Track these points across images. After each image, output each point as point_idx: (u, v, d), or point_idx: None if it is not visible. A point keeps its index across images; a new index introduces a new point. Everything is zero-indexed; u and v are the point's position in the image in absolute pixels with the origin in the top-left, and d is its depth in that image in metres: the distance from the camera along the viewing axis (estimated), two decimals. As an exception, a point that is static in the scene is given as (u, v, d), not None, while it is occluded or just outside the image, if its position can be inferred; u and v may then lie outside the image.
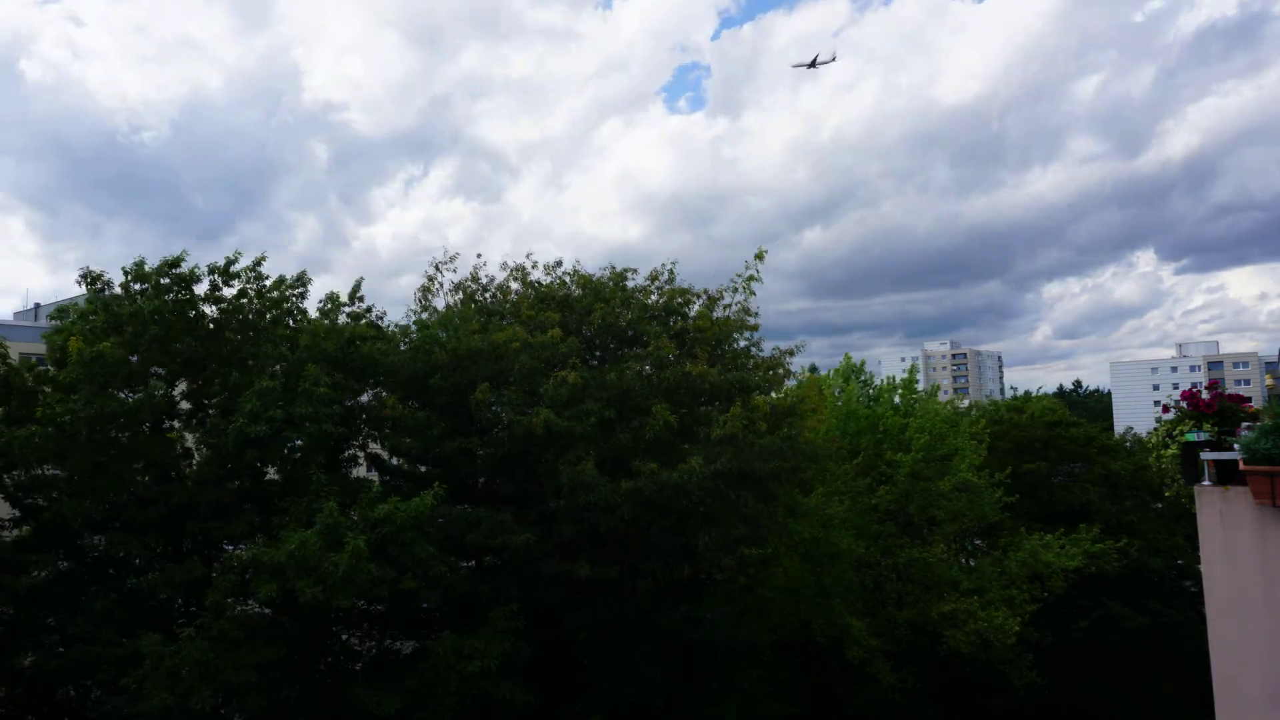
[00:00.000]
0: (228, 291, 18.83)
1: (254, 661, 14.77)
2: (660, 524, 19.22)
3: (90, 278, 18.08)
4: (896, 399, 31.26)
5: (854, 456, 28.68)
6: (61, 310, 18.97)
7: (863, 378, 32.77)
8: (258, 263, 19.08)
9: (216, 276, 18.55)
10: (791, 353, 22.30)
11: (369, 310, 21.26)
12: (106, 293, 17.99)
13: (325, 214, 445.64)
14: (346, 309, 20.85)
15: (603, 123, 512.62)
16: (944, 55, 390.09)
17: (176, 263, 18.01)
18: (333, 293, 20.72)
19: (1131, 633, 35.69)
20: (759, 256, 21.72)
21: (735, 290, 21.90)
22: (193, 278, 18.14)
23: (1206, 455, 8.12)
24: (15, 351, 19.54)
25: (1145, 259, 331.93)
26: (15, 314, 67.12)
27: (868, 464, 28.82)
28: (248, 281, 18.97)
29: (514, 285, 22.69)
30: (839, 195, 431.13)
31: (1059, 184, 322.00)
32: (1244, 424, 8.45)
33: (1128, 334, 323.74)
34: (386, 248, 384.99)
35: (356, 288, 21.12)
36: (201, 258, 29.48)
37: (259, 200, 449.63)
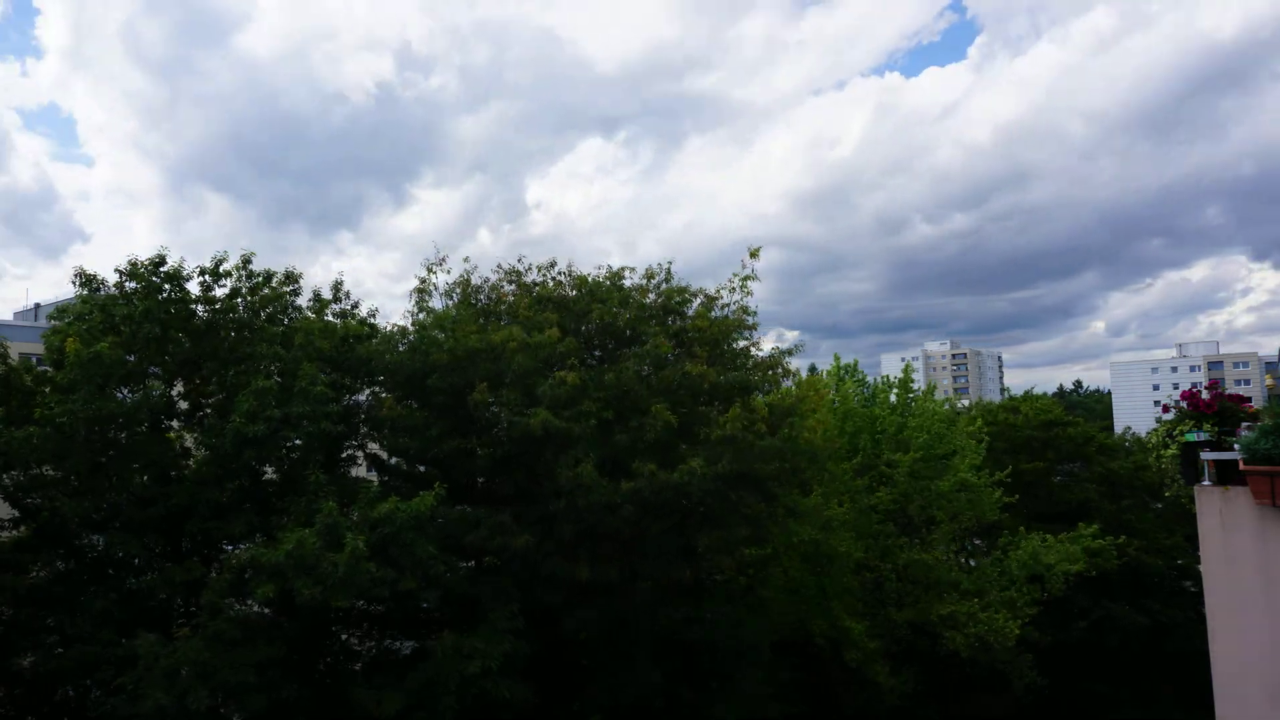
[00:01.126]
0: (220, 291, 18.83)
1: (252, 661, 14.75)
2: (660, 525, 19.21)
3: (85, 278, 18.07)
4: (893, 398, 31.24)
5: (852, 456, 28.68)
6: (60, 311, 18.95)
7: (857, 377, 32.77)
8: (247, 261, 19.07)
9: (207, 277, 18.55)
10: (790, 353, 22.30)
11: (356, 306, 21.26)
12: (102, 293, 17.98)
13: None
14: (334, 307, 20.84)
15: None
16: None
17: (162, 260, 18.01)
18: (316, 291, 20.75)
19: (1131, 633, 35.68)
20: (754, 255, 21.69)
21: (733, 290, 21.87)
22: (183, 276, 18.14)
23: (1206, 455, 8.12)
24: (15, 351, 19.53)
25: None
26: (15, 314, 67.10)
27: (866, 464, 28.81)
28: (239, 280, 18.97)
29: (508, 287, 22.66)
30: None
31: None
32: (1244, 424, 8.45)
33: None
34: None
35: (338, 286, 21.12)
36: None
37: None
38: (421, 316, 21.79)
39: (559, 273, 22.76)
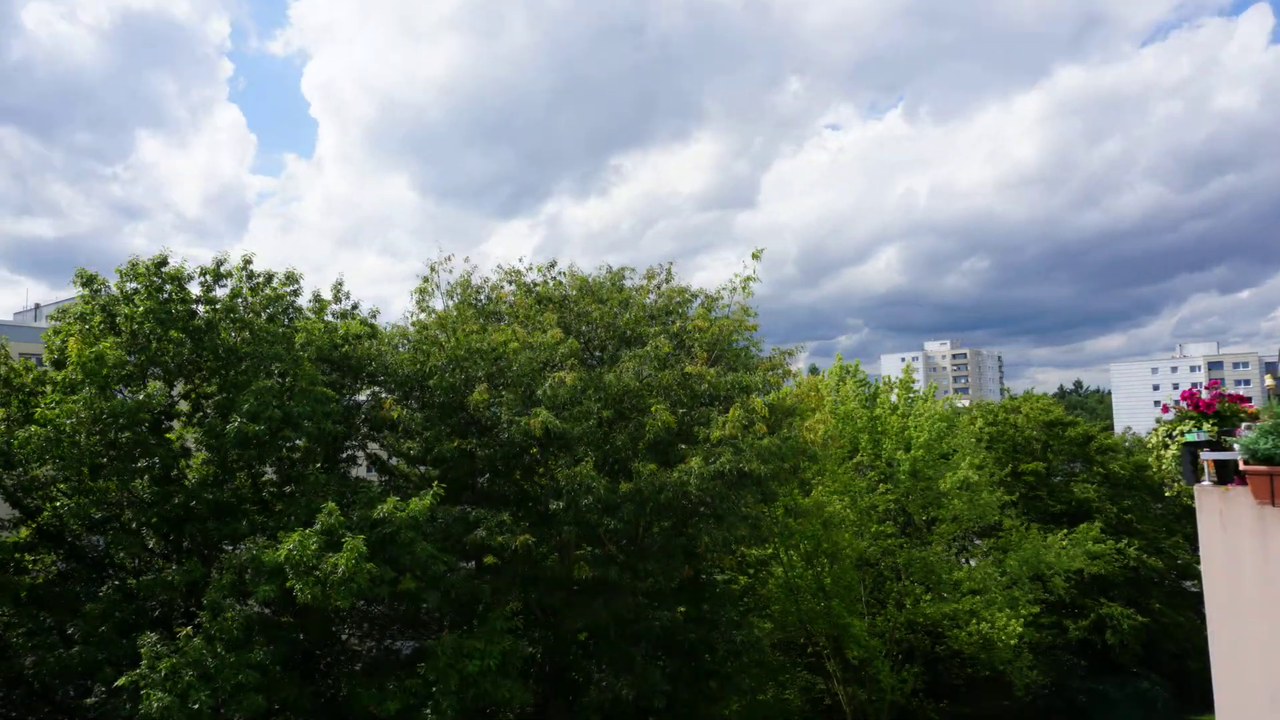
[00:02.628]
0: (220, 292, 18.83)
1: (253, 662, 14.75)
2: (660, 525, 19.21)
3: (86, 278, 18.07)
4: (893, 398, 31.27)
5: (853, 456, 28.69)
6: (62, 311, 18.95)
7: (858, 377, 32.81)
8: (247, 262, 19.08)
9: (208, 277, 18.55)
10: (790, 353, 22.33)
11: (355, 307, 21.25)
12: (103, 293, 17.97)
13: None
14: (333, 307, 20.83)
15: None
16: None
17: (163, 261, 18.02)
18: (316, 292, 20.74)
19: (1131, 633, 35.71)
20: (755, 256, 21.74)
21: (734, 290, 21.89)
22: (184, 277, 18.14)
23: (1206, 455, 8.11)
24: (15, 352, 19.53)
25: None
26: (15, 314, 67.13)
27: (867, 463, 28.83)
28: (240, 281, 18.97)
29: (508, 287, 22.66)
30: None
31: None
32: (1244, 424, 8.44)
33: None
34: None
35: (339, 285, 21.12)
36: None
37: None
38: (422, 317, 21.82)
39: (559, 273, 22.78)
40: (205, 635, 14.74)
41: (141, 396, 16.90)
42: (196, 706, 13.83)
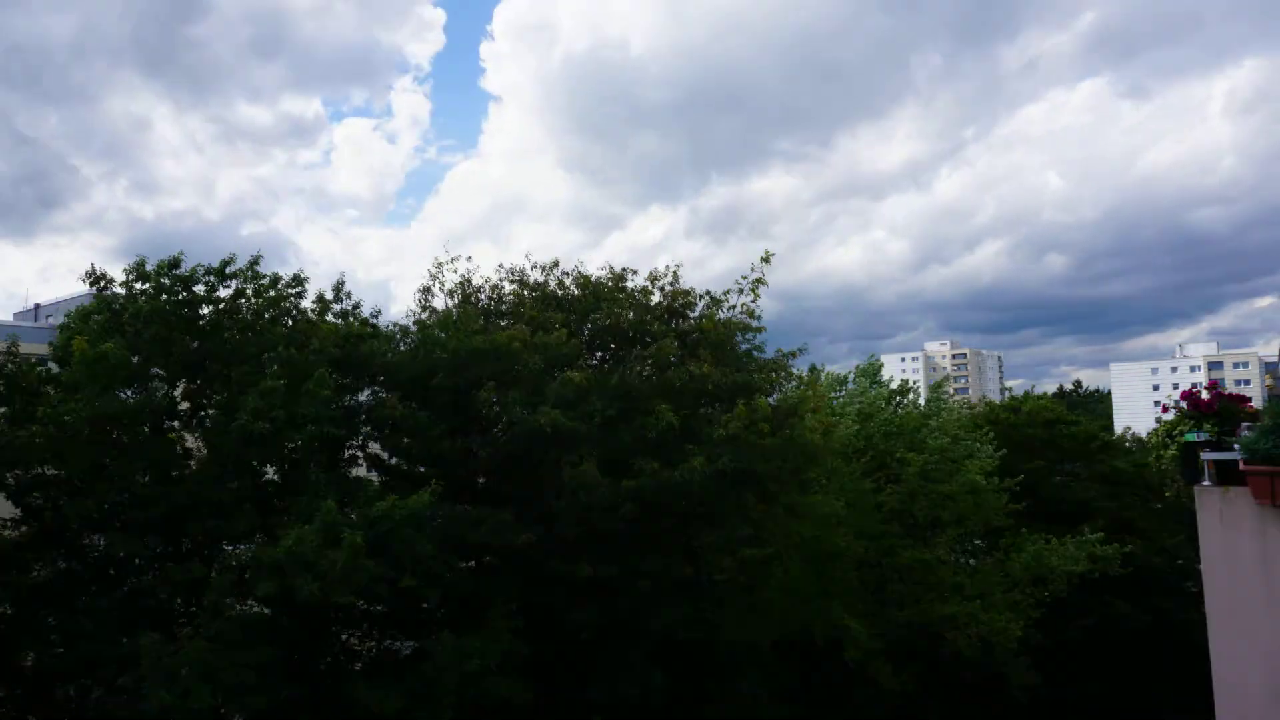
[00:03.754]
0: (224, 292, 18.86)
1: (253, 661, 14.77)
2: (662, 524, 19.24)
3: (94, 278, 18.12)
4: (921, 401, 31.26)
5: (862, 455, 28.66)
6: (73, 313, 19.04)
7: (877, 379, 32.89)
8: (254, 263, 19.12)
9: (213, 278, 18.58)
10: (794, 355, 22.41)
11: (357, 307, 21.29)
12: (109, 292, 18.03)
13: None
14: (335, 307, 20.86)
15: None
16: None
17: (176, 263, 18.06)
18: (320, 292, 20.77)
19: (1132, 633, 35.68)
20: (765, 259, 21.81)
21: (741, 292, 21.96)
22: (192, 278, 18.18)
23: (1206, 455, 8.12)
24: (20, 350, 19.55)
25: None
26: (15, 314, 67.17)
27: (877, 463, 28.81)
28: (245, 282, 19.01)
29: (509, 287, 22.70)
30: None
31: None
32: (1244, 424, 8.46)
33: None
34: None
35: (340, 284, 21.15)
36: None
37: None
38: (424, 316, 21.85)
39: (562, 273, 22.82)
40: (206, 635, 14.76)
41: (144, 396, 16.95)
42: (198, 706, 13.85)
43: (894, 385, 33.87)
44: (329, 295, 20.81)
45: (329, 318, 20.57)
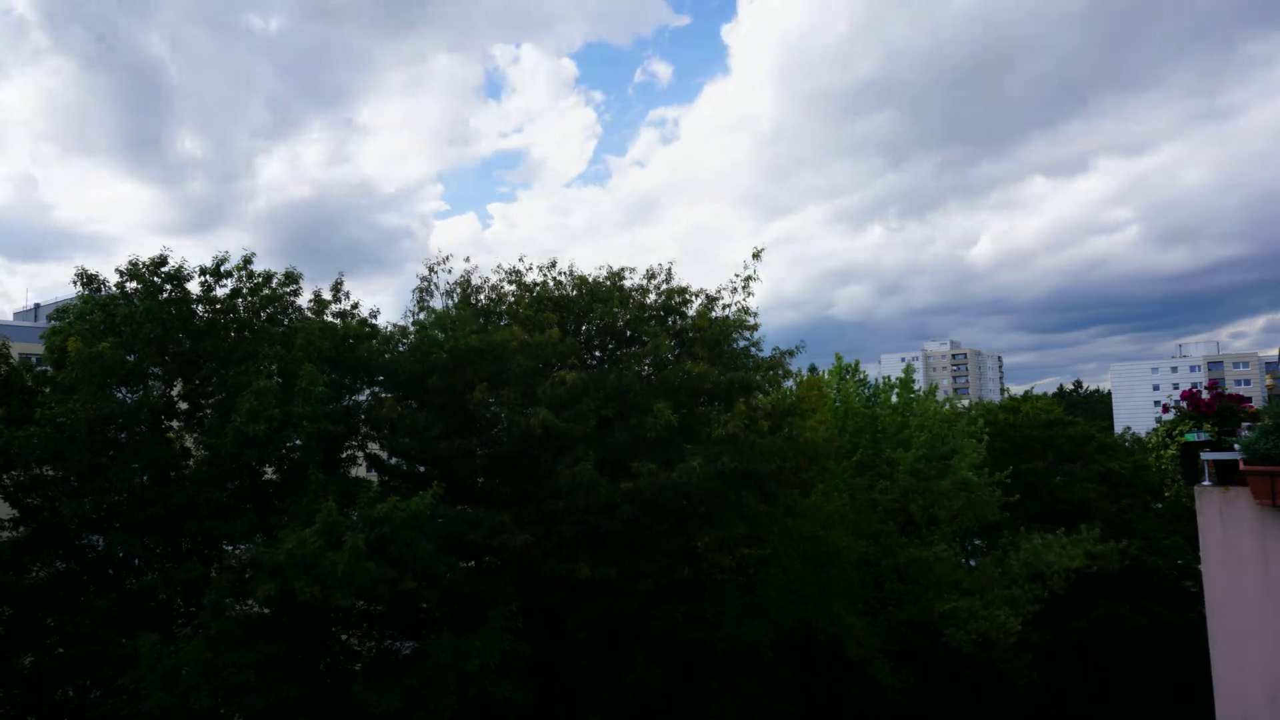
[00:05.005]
0: (220, 291, 18.83)
1: (253, 661, 14.74)
2: (660, 524, 19.21)
3: (86, 278, 18.07)
4: (894, 398, 31.27)
5: (852, 454, 28.69)
6: (61, 311, 18.97)
7: (858, 377, 32.80)
8: (248, 261, 19.09)
9: (208, 277, 18.54)
10: (791, 353, 22.29)
11: (356, 307, 21.26)
12: (103, 292, 17.99)
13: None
14: (333, 307, 20.83)
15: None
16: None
17: (163, 261, 18.02)
18: (317, 291, 20.73)
19: (1131, 633, 35.68)
20: (756, 256, 21.68)
21: (734, 290, 21.86)
22: (183, 276, 18.14)
23: (1206, 455, 8.11)
24: (15, 351, 19.52)
25: None
26: (15, 314, 67.15)
27: (867, 462, 28.82)
28: (240, 280, 18.97)
29: (508, 287, 22.67)
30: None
31: None
32: (1244, 424, 8.45)
33: None
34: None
35: (338, 285, 21.12)
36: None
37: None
38: (422, 316, 21.81)
39: (559, 273, 22.78)
40: (206, 635, 14.73)
41: (141, 396, 16.92)
42: (197, 706, 13.82)
43: (875, 384, 33.76)
44: (327, 295, 20.80)
45: (327, 317, 20.54)
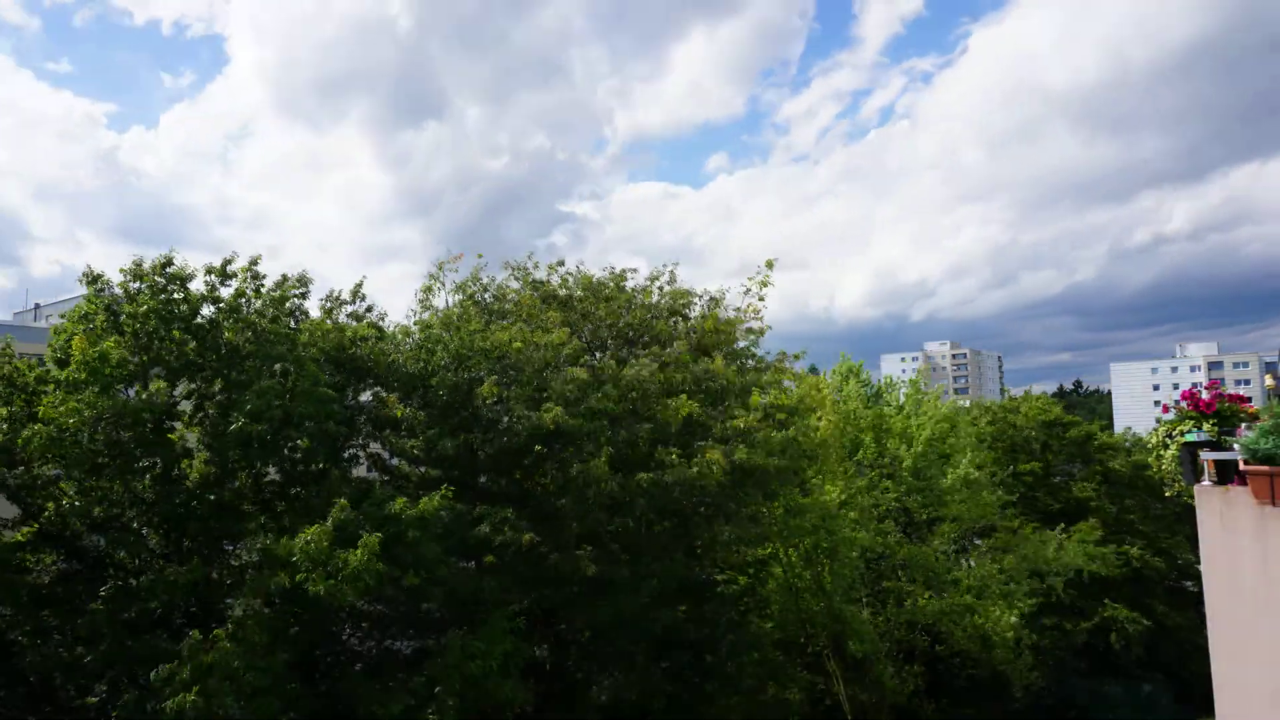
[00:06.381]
0: (225, 292, 18.84)
1: (274, 665, 14.79)
2: (663, 524, 19.24)
3: (91, 277, 18.09)
4: (901, 397, 31.35)
5: (854, 453, 28.75)
6: (68, 313, 19.00)
7: (861, 377, 32.89)
8: (254, 262, 19.11)
9: (213, 277, 18.56)
10: (797, 356, 22.50)
11: (370, 310, 21.29)
12: (106, 292, 18.00)
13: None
14: (348, 308, 20.85)
15: None
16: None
17: (169, 261, 18.05)
18: (333, 291, 20.74)
19: (1132, 633, 35.72)
20: (769, 265, 21.92)
21: (746, 292, 22.02)
22: (188, 276, 18.16)
23: (1206, 455, 8.13)
24: (17, 351, 19.55)
25: None
26: (15, 314, 67.15)
27: (869, 461, 28.88)
28: (245, 281, 18.99)
29: (514, 285, 22.70)
30: None
31: None
32: (1244, 424, 8.47)
33: None
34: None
35: (358, 287, 21.15)
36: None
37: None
38: (426, 315, 21.85)
39: (565, 272, 22.84)
40: (233, 638, 14.75)
41: (144, 396, 16.93)
42: (221, 711, 13.85)
43: (877, 383, 33.84)
44: (345, 296, 20.81)
45: (341, 318, 20.56)
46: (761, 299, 21.95)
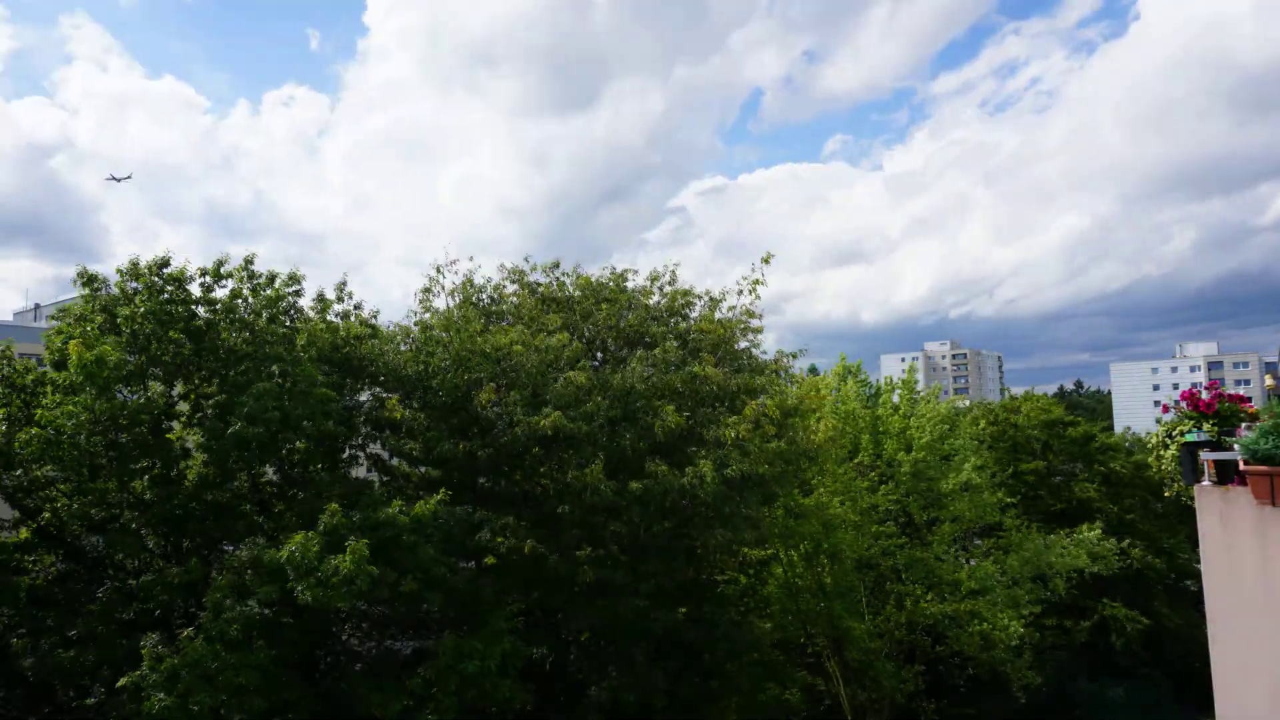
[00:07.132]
0: (220, 292, 18.82)
1: (254, 663, 14.73)
2: (662, 526, 19.21)
3: (87, 278, 18.07)
4: (895, 398, 31.27)
5: (854, 456, 28.69)
6: (62, 311, 18.95)
7: (860, 378, 32.82)
8: (249, 262, 19.08)
9: (208, 278, 18.54)
10: (795, 356, 22.37)
11: (359, 307, 21.25)
12: (103, 293, 17.98)
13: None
14: (337, 307, 20.82)
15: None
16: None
17: (166, 262, 18.03)
18: (320, 291, 20.74)
19: (1132, 632, 35.71)
20: (765, 260, 21.75)
21: (740, 292, 21.91)
22: (184, 277, 18.14)
23: (1206, 455, 8.11)
24: (16, 352, 19.54)
25: None
26: (15, 314, 67.14)
27: (868, 463, 28.83)
28: (240, 281, 18.96)
29: (510, 287, 22.66)
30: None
31: None
32: (1244, 424, 8.45)
33: None
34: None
35: (342, 285, 21.12)
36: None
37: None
38: (425, 317, 21.82)
39: (562, 274, 22.78)
40: (206, 636, 14.72)
41: (142, 398, 16.91)
42: (197, 709, 13.81)
43: (876, 384, 33.77)
44: (330, 295, 20.79)
45: (330, 317, 20.54)
46: (756, 297, 21.81)
